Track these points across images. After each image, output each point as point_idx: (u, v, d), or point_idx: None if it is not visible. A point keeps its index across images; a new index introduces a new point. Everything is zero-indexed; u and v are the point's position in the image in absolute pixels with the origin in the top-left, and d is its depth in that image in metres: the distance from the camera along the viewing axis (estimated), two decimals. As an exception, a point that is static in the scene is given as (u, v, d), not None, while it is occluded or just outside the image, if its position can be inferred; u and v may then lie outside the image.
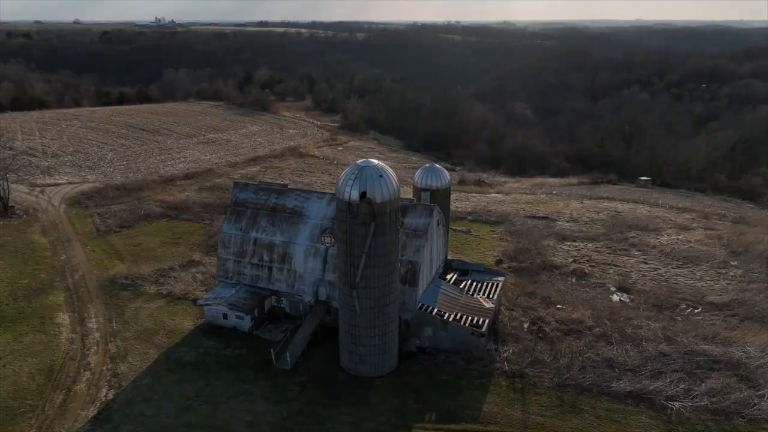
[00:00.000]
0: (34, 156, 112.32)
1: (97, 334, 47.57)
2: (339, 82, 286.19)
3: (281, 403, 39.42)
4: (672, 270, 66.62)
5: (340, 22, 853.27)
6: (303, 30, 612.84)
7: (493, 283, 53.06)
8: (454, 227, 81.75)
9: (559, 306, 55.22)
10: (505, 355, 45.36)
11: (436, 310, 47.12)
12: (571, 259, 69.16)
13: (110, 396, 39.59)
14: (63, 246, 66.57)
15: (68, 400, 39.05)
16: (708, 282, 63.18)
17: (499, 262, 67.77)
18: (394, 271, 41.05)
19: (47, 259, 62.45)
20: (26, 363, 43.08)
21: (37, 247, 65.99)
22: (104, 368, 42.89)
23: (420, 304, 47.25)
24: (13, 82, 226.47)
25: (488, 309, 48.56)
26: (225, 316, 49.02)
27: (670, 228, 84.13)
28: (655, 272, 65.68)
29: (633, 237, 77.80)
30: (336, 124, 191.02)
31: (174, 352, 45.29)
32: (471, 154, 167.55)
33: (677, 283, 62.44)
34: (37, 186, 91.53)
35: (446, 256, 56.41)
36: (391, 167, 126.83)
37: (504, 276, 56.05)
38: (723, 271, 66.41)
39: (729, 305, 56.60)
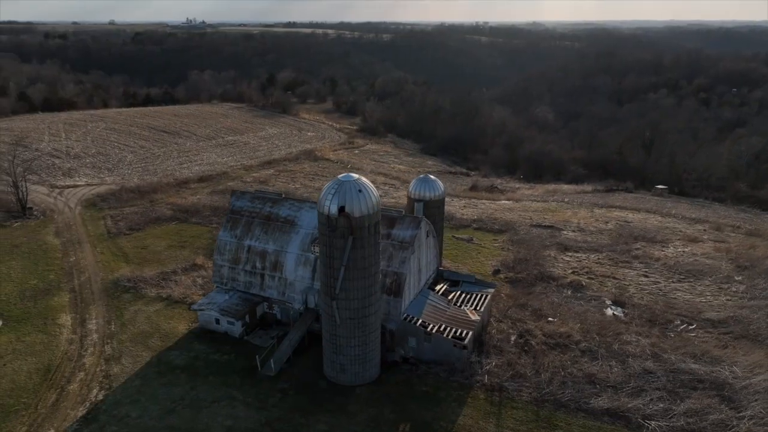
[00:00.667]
0: (58, 157, 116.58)
1: (95, 336, 49.69)
2: (362, 84, 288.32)
3: (261, 409, 40.69)
4: (672, 284, 65.83)
5: (368, 23, 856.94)
6: (330, 31, 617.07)
7: (481, 295, 53.46)
8: (456, 235, 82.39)
9: (550, 318, 55.32)
10: (487, 367, 45.78)
11: (420, 321, 47.83)
12: (570, 271, 68.88)
13: (100, 397, 41.45)
14: (74, 248, 69.34)
15: (60, 399, 41.05)
16: (708, 297, 62.29)
17: (496, 272, 67.98)
18: (374, 283, 41.91)
19: (57, 261, 65.19)
20: (26, 362, 45.34)
21: (49, 248, 68.87)
22: (98, 369, 44.86)
23: (405, 315, 48.03)
24: (46, 83, 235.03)
25: (473, 321, 49.03)
26: (217, 321, 50.64)
27: (678, 240, 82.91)
28: (654, 286, 65.02)
29: (637, 249, 76.99)
30: (355, 127, 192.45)
31: (165, 356, 47.03)
32: (488, 159, 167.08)
33: (675, 298, 61.74)
34: (56, 187, 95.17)
35: (438, 267, 56.98)
36: (404, 171, 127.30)
37: (494, 287, 56.34)
38: (725, 286, 65.34)
39: (725, 322, 55.79)
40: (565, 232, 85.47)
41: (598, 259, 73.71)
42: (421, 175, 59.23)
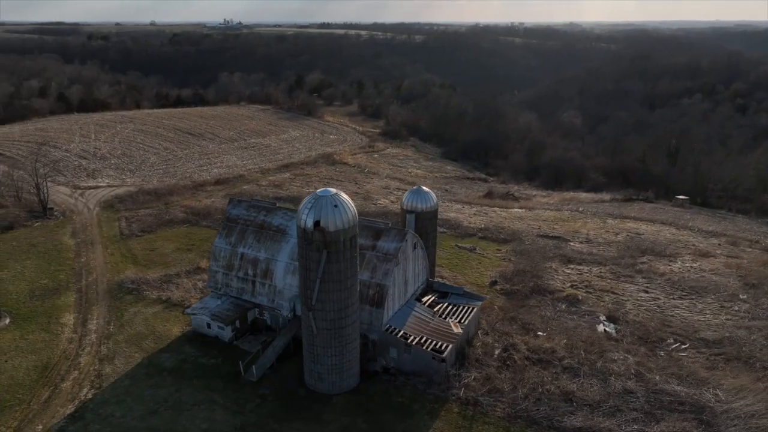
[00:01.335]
0: (85, 158, 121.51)
1: (93, 336, 52.20)
2: (389, 86, 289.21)
3: (239, 414, 42.21)
4: (673, 300, 64.74)
5: (401, 24, 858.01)
6: (363, 32, 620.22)
7: (468, 308, 53.85)
8: (460, 244, 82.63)
9: (539, 333, 55.32)
10: (465, 381, 46.25)
11: (402, 332, 48.62)
12: (569, 284, 68.44)
13: (90, 396, 43.70)
14: (87, 248, 72.60)
15: (53, 396, 43.46)
16: (707, 316, 61.08)
17: (493, 283, 68.09)
18: (350, 295, 42.93)
19: (69, 261, 68.42)
20: (26, 359, 48.06)
21: (63, 248, 72.29)
22: (91, 369, 47.22)
23: (387, 326, 48.90)
24: (84, 84, 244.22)
25: (455, 334, 49.52)
26: (208, 325, 52.50)
27: (688, 254, 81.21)
28: (653, 302, 64.06)
29: (643, 263, 75.81)
30: (378, 131, 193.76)
31: (156, 358, 49.11)
32: (508, 165, 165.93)
33: (672, 316, 60.75)
34: (79, 188, 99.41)
35: (427, 278, 57.57)
36: (421, 177, 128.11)
37: (482, 300, 56.60)
38: (728, 305, 63.88)
39: (720, 342, 54.71)
40: (571, 244, 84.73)
41: (600, 272, 72.94)
42: (414, 187, 59.81)
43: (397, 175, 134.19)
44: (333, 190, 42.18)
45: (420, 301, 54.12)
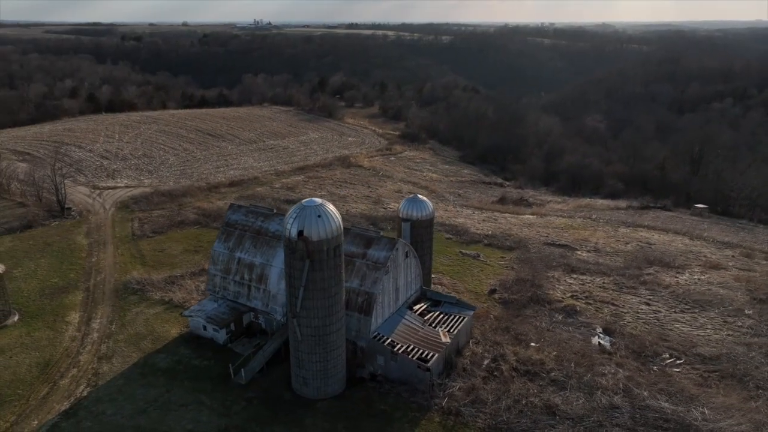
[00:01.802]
0: (107, 158, 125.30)
1: (95, 335, 54.21)
2: (413, 88, 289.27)
3: (224, 416, 43.45)
4: (674, 314, 63.77)
5: (430, 24, 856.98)
6: (390, 32, 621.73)
7: (458, 317, 54.14)
8: (464, 251, 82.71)
9: (533, 344, 55.28)
10: (449, 390, 46.62)
11: (389, 340, 49.24)
12: (569, 294, 68.01)
13: (85, 393, 45.52)
14: (98, 248, 75.16)
15: (50, 393, 45.42)
16: (708, 331, 60.03)
17: (492, 291, 68.09)
18: (334, 303, 43.75)
19: (81, 260, 70.99)
20: (29, 356, 50.26)
21: (76, 248, 75.00)
22: (90, 367, 49.13)
23: (376, 333, 49.58)
24: (115, 84, 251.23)
25: (443, 343, 49.90)
26: (204, 327, 54.00)
27: (698, 265, 79.72)
28: (653, 315, 63.22)
29: (648, 274, 74.75)
30: (397, 133, 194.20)
31: (152, 358, 50.78)
32: (525, 170, 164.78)
33: (671, 330, 59.89)
34: (98, 188, 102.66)
35: (421, 286, 57.99)
36: (435, 180, 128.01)
37: (474, 310, 56.76)
38: (732, 319, 62.64)
39: (717, 359, 53.78)
40: (578, 252, 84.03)
41: (604, 283, 72.22)
42: (411, 195, 60.26)
43: (411, 179, 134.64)
44: (318, 200, 43.05)
45: (411, 309, 54.64)
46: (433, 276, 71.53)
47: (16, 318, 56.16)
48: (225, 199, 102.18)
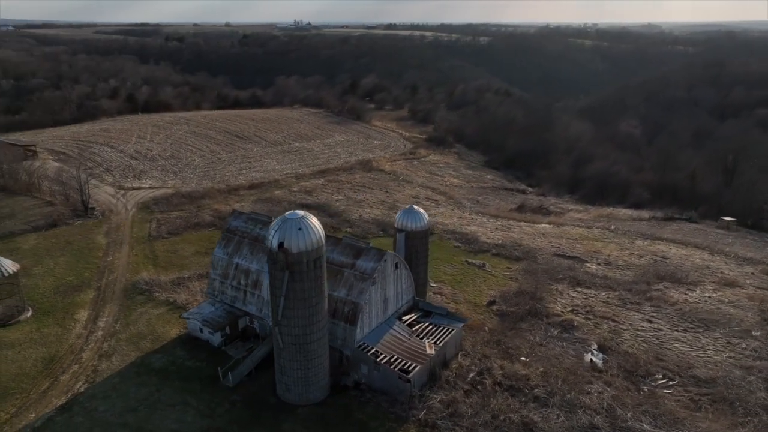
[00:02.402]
0: (136, 159, 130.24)
1: (100, 333, 57.02)
2: (445, 91, 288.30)
3: (207, 417, 45.22)
4: (676, 333, 62.35)
5: (469, 25, 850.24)
6: (427, 33, 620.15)
7: (447, 329, 54.51)
8: (470, 260, 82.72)
9: (523, 358, 55.21)
10: (429, 402, 47.18)
11: (373, 349, 50.11)
12: (570, 309, 67.30)
13: (82, 389, 48.09)
14: (115, 248, 78.62)
15: (50, 388, 48.19)
16: (708, 352, 58.50)
17: (491, 303, 68.06)
18: (315, 313, 44.91)
19: (97, 260, 74.47)
20: (36, 351, 53.34)
21: (94, 247, 78.66)
22: (90, 364, 51.78)
23: (361, 342, 50.54)
24: (154, 85, 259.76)
25: (427, 355, 50.44)
26: (201, 330, 56.09)
27: (712, 282, 77.50)
28: (653, 333, 61.99)
29: (657, 289, 73.16)
30: (423, 137, 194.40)
31: (149, 358, 53.11)
32: (551, 176, 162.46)
33: (670, 349, 58.63)
34: (123, 188, 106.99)
35: (413, 296, 58.55)
36: (456, 186, 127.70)
37: (464, 322, 56.97)
38: (736, 341, 60.82)
39: (712, 382, 52.43)
40: (588, 265, 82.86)
41: (608, 297, 71.13)
42: (407, 206, 60.93)
43: (430, 184, 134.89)
44: (301, 213, 44.30)
45: (401, 319, 55.34)
46: (434, 285, 72.37)
47: (29, 314, 59.58)
48: (243, 201, 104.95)
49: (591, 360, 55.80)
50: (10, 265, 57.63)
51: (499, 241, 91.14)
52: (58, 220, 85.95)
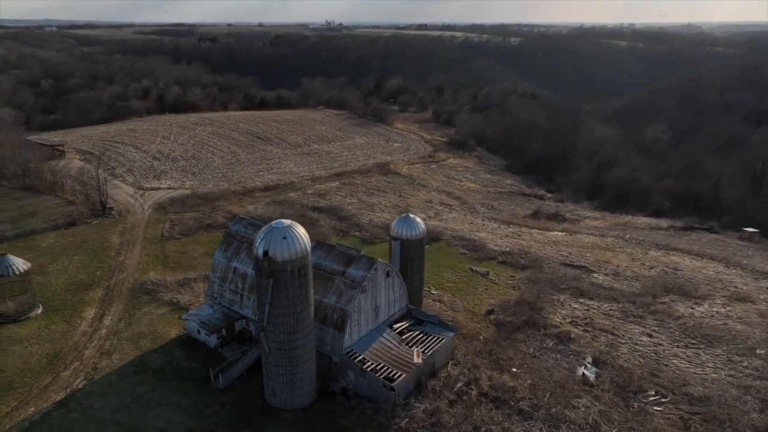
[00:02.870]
0: (158, 159, 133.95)
1: (104, 331, 59.29)
2: (470, 93, 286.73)
3: (194, 418, 46.71)
4: (675, 348, 61.20)
5: (501, 25, 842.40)
6: (458, 33, 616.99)
7: (437, 338, 54.86)
8: (474, 267, 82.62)
9: (514, 369, 55.17)
10: (413, 412, 47.69)
11: (361, 357, 50.88)
12: (569, 320, 66.70)
13: (80, 386, 50.22)
14: (127, 248, 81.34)
15: (51, 383, 50.47)
16: (707, 369, 57.30)
17: (489, 312, 67.99)
18: (300, 320, 45.91)
19: (109, 259, 77.23)
20: (42, 347, 55.84)
21: (108, 246, 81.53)
22: (91, 361, 53.97)
23: (349, 349, 51.37)
24: (184, 85, 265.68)
25: (414, 364, 50.93)
26: (198, 331, 57.79)
27: (723, 296, 75.66)
28: (651, 348, 60.98)
29: (662, 303, 71.82)
30: (444, 139, 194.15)
31: (147, 357, 55.03)
32: (572, 181, 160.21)
33: (667, 365, 57.63)
34: (142, 189, 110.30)
35: (406, 304, 59.01)
36: (472, 191, 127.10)
37: (455, 332, 57.17)
38: (739, 359, 59.37)
39: (706, 400, 51.39)
40: (595, 275, 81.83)
41: (610, 309, 70.22)
42: (403, 215, 61.48)
43: (446, 189, 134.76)
44: (287, 222, 45.37)
45: (392, 327, 55.93)
46: (434, 292, 72.76)
47: (39, 311, 62.33)
48: (257, 203, 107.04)
49: (583, 373, 55.33)
50: (21, 264, 60.42)
51: (507, 249, 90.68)
52: (77, 220, 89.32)
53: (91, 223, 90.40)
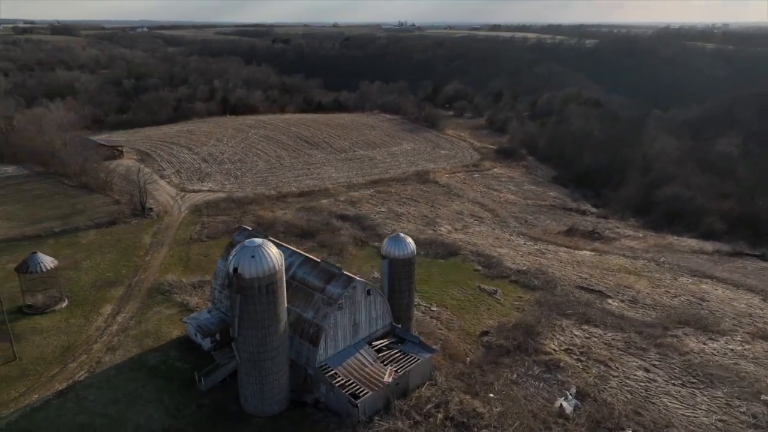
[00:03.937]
0: (206, 162, 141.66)
1: (115, 328, 64.64)
2: (530, 99, 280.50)
3: (172, 417, 50.41)
4: (671, 386, 58.66)
5: (581, 26, 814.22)
6: (531, 35, 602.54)
7: (413, 358, 55.78)
8: (483, 285, 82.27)
9: (491, 395, 55.22)
10: (375, 430, 49.07)
11: (333, 371, 52.81)
12: (564, 348, 65.38)
13: (82, 378, 55.33)
14: (156, 249, 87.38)
15: (58, 373, 55.92)
16: (698, 411, 54.66)
17: (484, 333, 67.84)
18: (269, 335, 48.43)
19: (137, 258, 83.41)
20: (58, 339, 61.75)
21: (139, 246, 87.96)
22: (97, 355, 59.17)
23: (323, 363, 53.46)
24: (249, 87, 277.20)
25: (382, 382, 52.22)
26: (195, 334, 61.82)
27: (746, 333, 71.31)
28: (644, 383, 58.80)
29: (672, 335, 68.76)
30: (494, 147, 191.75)
31: (146, 355, 59.59)
32: (621, 197, 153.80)
33: (655, 403, 55.52)
34: (184, 191, 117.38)
35: (390, 322, 60.18)
36: (510, 203, 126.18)
37: (432, 353, 57.72)
38: (738, 403, 56.15)
39: (686, 446, 49.37)
40: (609, 301, 79.34)
41: (613, 339, 68.05)
42: (394, 234, 62.68)
43: (481, 200, 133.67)
44: (259, 240, 47.99)
45: (371, 344, 57.40)
46: (434, 309, 73.50)
47: (64, 304, 68.75)
48: (288, 209, 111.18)
49: (561, 405, 54.43)
50: (49, 262, 66.91)
51: (523, 268, 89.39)
52: (118, 219, 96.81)
53: (130, 222, 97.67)
